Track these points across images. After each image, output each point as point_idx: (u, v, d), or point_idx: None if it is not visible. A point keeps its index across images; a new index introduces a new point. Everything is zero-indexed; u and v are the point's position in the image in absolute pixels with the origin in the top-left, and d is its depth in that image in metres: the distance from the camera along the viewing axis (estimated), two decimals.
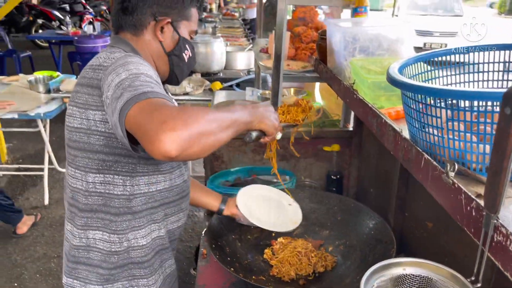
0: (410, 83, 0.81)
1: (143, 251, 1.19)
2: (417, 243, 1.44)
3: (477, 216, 0.63)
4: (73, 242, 1.19)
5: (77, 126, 1.09)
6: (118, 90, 0.92)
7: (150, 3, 1.16)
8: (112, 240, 1.16)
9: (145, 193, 1.15)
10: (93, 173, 1.11)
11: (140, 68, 1.00)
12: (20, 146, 4.62)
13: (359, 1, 1.68)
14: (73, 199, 1.17)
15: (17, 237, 3.08)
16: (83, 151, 1.10)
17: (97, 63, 1.10)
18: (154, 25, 1.17)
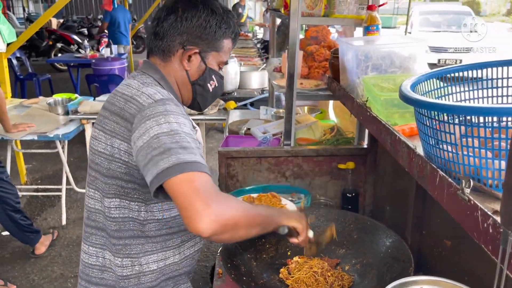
0: (422, 100, 0.81)
1: (153, 276, 1.19)
2: (436, 261, 1.41)
3: (494, 233, 0.62)
4: (88, 260, 1.20)
5: (101, 150, 1.11)
6: (159, 143, 0.95)
7: (181, 32, 1.16)
8: (124, 265, 1.16)
9: (159, 220, 1.16)
10: (109, 198, 1.12)
11: (179, 121, 1.01)
12: (39, 167, 4.71)
13: (371, 20, 1.70)
14: (88, 219, 1.19)
15: (35, 257, 3.11)
16: (104, 176, 1.12)
17: (130, 94, 1.09)
18: (182, 53, 1.18)
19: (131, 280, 1.16)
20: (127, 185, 1.10)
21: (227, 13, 1.21)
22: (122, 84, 1.16)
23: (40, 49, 10.16)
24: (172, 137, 0.96)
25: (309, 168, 1.95)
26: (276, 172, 1.95)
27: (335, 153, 1.94)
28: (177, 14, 1.15)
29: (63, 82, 8.38)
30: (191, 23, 1.16)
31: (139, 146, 0.99)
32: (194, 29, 1.16)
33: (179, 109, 1.07)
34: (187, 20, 1.15)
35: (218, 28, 1.18)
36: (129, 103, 1.07)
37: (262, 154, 1.90)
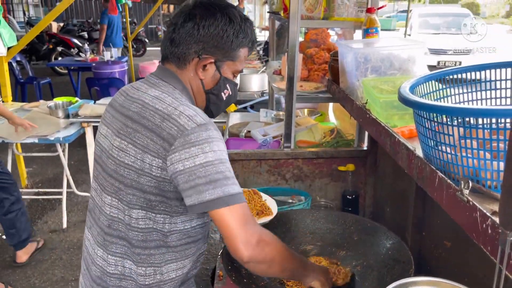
0: (421, 102, 0.82)
1: (172, 284, 1.21)
2: (436, 262, 1.41)
3: (493, 233, 0.63)
4: (106, 269, 1.19)
5: (129, 163, 1.09)
6: (205, 173, 1.00)
7: (197, 40, 1.14)
8: (147, 274, 1.17)
9: (181, 230, 1.17)
10: (136, 209, 1.12)
11: (221, 149, 1.05)
12: (39, 171, 4.72)
13: (370, 22, 1.71)
14: (110, 227, 1.17)
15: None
16: (130, 188, 1.10)
17: (166, 112, 1.07)
18: (197, 62, 1.16)
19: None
20: (155, 198, 1.10)
21: (245, 21, 1.19)
22: (150, 96, 1.12)
23: (41, 53, 10.19)
24: (217, 167, 1.01)
25: (309, 170, 1.95)
26: (277, 175, 1.96)
27: (335, 155, 1.95)
28: (195, 21, 1.13)
29: (64, 85, 8.39)
30: (208, 32, 1.13)
31: (179, 169, 1.02)
32: (211, 38, 1.14)
33: (218, 134, 1.08)
34: (204, 28, 1.13)
35: (235, 37, 1.16)
36: (167, 122, 1.05)
37: (263, 156, 1.91)
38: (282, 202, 1.86)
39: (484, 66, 0.97)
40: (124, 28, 8.82)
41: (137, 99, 1.13)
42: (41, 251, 3.23)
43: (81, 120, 3.45)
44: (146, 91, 1.14)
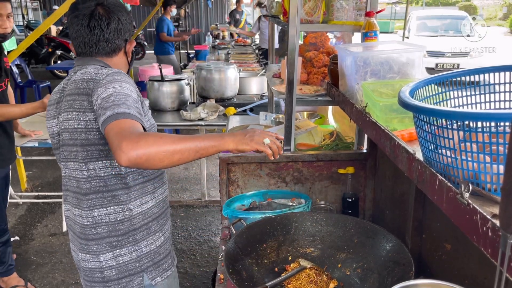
0: (421, 106, 0.83)
1: (141, 217, 1.45)
2: (436, 265, 1.42)
3: (493, 236, 0.63)
4: (82, 222, 1.42)
5: (76, 126, 1.34)
6: (104, 103, 1.21)
7: (124, 32, 1.46)
8: (117, 211, 1.41)
9: (135, 171, 1.41)
10: (93, 162, 1.36)
11: (123, 86, 1.28)
12: (39, 174, 4.72)
13: (369, 26, 1.72)
14: (78, 187, 1.40)
15: (36, 263, 3.10)
16: (83, 146, 1.35)
17: (89, 77, 1.35)
18: (128, 47, 1.52)
19: (124, 223, 1.42)
20: (104, 148, 1.34)
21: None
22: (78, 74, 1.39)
23: (40, 56, 10.19)
24: (113, 97, 1.22)
25: (309, 173, 1.96)
26: (277, 177, 1.96)
27: (335, 158, 1.96)
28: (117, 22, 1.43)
29: None
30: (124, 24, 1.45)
31: (95, 109, 1.26)
32: (126, 26, 1.47)
33: (125, 78, 1.34)
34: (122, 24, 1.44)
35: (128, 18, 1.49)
36: (90, 82, 1.33)
37: (263, 159, 1.91)
38: (282, 205, 1.86)
39: (483, 69, 0.97)
40: None
41: (70, 82, 1.41)
42: (41, 255, 3.23)
43: None
44: (74, 75, 1.41)
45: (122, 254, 1.43)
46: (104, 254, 1.42)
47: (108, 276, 1.44)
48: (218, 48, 8.05)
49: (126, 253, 1.44)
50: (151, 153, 1.08)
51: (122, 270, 1.44)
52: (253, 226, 1.61)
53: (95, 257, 1.43)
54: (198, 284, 2.93)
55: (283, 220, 1.65)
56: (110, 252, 1.42)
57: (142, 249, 1.46)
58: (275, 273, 1.50)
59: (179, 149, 1.12)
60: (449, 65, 9.65)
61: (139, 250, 1.45)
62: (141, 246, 1.46)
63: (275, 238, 1.61)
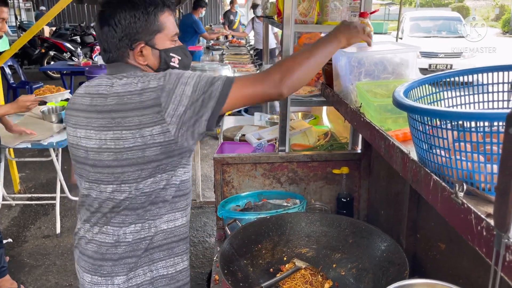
0: (416, 106, 0.83)
1: (164, 235, 1.31)
2: (431, 264, 1.42)
3: (488, 235, 0.64)
4: (104, 240, 1.28)
5: (130, 145, 1.18)
6: (199, 90, 1.15)
7: (120, 37, 1.23)
8: (144, 228, 1.27)
9: (175, 184, 1.28)
10: (144, 180, 1.22)
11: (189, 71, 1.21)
12: (32, 176, 4.69)
13: None
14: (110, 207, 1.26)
15: (29, 266, 3.08)
16: (136, 165, 1.20)
17: (139, 88, 1.17)
18: (133, 53, 1.25)
19: (146, 241, 1.28)
20: (161, 163, 1.21)
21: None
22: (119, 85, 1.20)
23: (33, 57, 10.12)
24: (202, 79, 1.17)
25: (304, 173, 1.96)
26: (271, 178, 1.96)
27: (330, 158, 1.96)
28: (108, 23, 1.22)
29: None
30: (122, 25, 1.21)
31: (181, 112, 1.15)
32: (128, 29, 1.22)
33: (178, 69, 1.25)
34: (117, 25, 1.21)
35: (146, 14, 1.23)
36: (144, 94, 1.16)
37: (257, 160, 1.91)
38: (277, 206, 1.86)
39: (476, 70, 0.98)
40: None
41: (110, 94, 1.20)
42: (34, 257, 3.21)
43: None
44: (113, 85, 1.21)
45: (136, 276, 1.30)
46: (120, 276, 1.28)
47: None
48: (212, 48, 8.04)
49: (141, 274, 1.30)
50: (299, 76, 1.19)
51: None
52: (248, 226, 1.61)
53: (109, 280, 1.29)
54: (192, 285, 2.91)
55: (278, 220, 1.65)
56: (125, 275, 1.29)
57: (159, 270, 1.32)
58: (270, 274, 1.50)
59: (315, 62, 1.23)
60: (442, 65, 9.71)
61: (154, 271, 1.32)
62: (157, 267, 1.32)
63: (270, 238, 1.61)
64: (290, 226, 1.65)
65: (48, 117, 3.53)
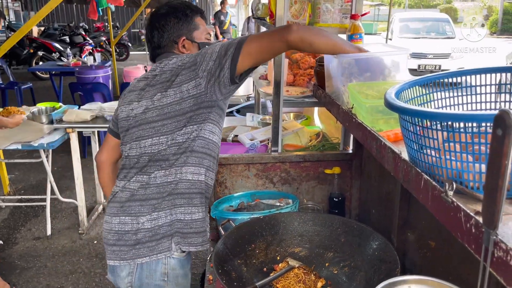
0: (406, 107, 0.85)
1: (187, 184, 1.47)
2: (421, 262, 1.45)
3: (476, 232, 0.66)
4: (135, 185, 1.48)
5: (170, 100, 1.44)
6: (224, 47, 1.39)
7: (168, 37, 1.58)
8: (169, 173, 1.45)
9: (205, 138, 1.48)
10: (179, 130, 1.44)
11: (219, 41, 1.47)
12: (22, 177, 4.65)
13: (355, 29, 1.75)
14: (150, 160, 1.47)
15: (20, 268, 3.06)
16: (173, 117, 1.44)
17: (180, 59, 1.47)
18: (177, 47, 1.59)
19: (171, 185, 1.46)
20: (194, 113, 1.44)
21: (184, 3, 1.62)
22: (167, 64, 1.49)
23: (21, 58, 10.02)
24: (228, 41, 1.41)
25: (296, 173, 1.98)
26: (264, 178, 1.98)
27: (322, 158, 1.98)
28: (156, 29, 1.58)
29: (45, 90, 8.28)
30: (168, 27, 1.57)
31: (211, 65, 1.39)
32: (173, 28, 1.57)
33: None
34: (164, 28, 1.57)
35: (185, 16, 1.59)
36: (185, 59, 1.46)
37: (250, 160, 1.93)
38: (270, 206, 1.88)
39: (465, 72, 1.01)
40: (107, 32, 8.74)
41: (159, 72, 1.50)
42: (25, 259, 3.19)
43: (66, 126, 3.41)
44: (165, 66, 1.50)
45: (159, 218, 1.46)
46: (144, 215, 1.45)
47: (140, 238, 1.46)
48: None
49: (162, 217, 1.46)
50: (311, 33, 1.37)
51: (155, 233, 1.46)
52: (241, 226, 1.62)
53: (134, 219, 1.46)
54: None
55: (271, 220, 1.66)
56: (149, 214, 1.45)
57: (178, 215, 1.47)
58: (264, 273, 1.52)
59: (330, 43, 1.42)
60: (431, 66, 9.81)
61: (174, 215, 1.47)
62: (177, 212, 1.47)
63: (263, 238, 1.62)
64: (283, 226, 1.66)
65: (38, 118, 3.50)
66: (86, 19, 14.97)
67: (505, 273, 0.60)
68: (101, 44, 10.94)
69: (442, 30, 11.53)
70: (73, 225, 3.68)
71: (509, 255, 0.59)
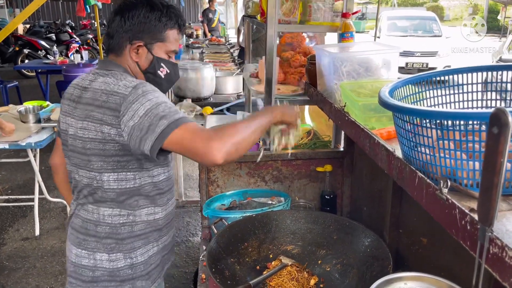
0: (402, 105, 0.86)
1: (144, 225, 1.42)
2: (413, 259, 1.46)
3: (471, 229, 0.67)
4: (86, 216, 1.40)
5: (92, 136, 1.29)
6: (150, 117, 1.19)
7: (126, 29, 1.35)
8: (122, 214, 1.38)
9: (151, 183, 1.39)
10: (108, 172, 1.33)
11: (156, 95, 1.25)
12: (8, 177, 4.58)
13: (346, 27, 1.75)
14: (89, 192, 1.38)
15: (9, 269, 3.01)
16: (99, 156, 1.31)
17: (109, 89, 1.28)
18: (130, 48, 1.37)
19: (126, 227, 1.39)
20: (122, 159, 1.31)
21: (167, 7, 1.39)
22: (99, 82, 1.32)
23: (6, 55, 9.84)
24: (157, 110, 1.20)
25: (288, 171, 1.98)
26: (256, 176, 1.98)
27: (313, 156, 1.99)
28: (121, 14, 1.35)
29: (31, 89, 8.16)
30: (132, 21, 1.35)
31: (131, 126, 1.22)
32: (137, 26, 1.35)
33: (152, 87, 1.29)
34: (129, 18, 1.34)
35: (158, 21, 1.37)
36: (112, 96, 1.26)
37: (242, 159, 1.92)
38: (262, 204, 1.88)
39: (455, 70, 1.02)
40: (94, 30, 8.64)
41: (90, 88, 1.33)
42: (13, 259, 3.14)
43: (54, 124, 3.36)
44: (95, 80, 1.34)
45: (117, 259, 1.40)
46: (101, 253, 1.39)
47: (98, 276, 1.41)
48: (192, 47, 8.00)
49: (121, 259, 1.40)
50: (238, 143, 1.18)
51: (114, 274, 1.41)
52: (234, 225, 1.62)
53: (91, 255, 1.40)
54: (177, 285, 2.91)
55: (263, 218, 1.67)
56: (107, 254, 1.39)
57: (138, 257, 1.43)
58: (257, 271, 1.52)
59: (252, 132, 1.23)
60: (418, 64, 9.91)
61: (134, 258, 1.42)
62: (136, 254, 1.42)
63: (256, 236, 1.63)
64: (276, 224, 1.67)
65: (26, 117, 3.45)
66: (72, 16, 14.80)
67: (501, 269, 0.61)
68: (88, 42, 10.80)
69: (429, 28, 11.65)
70: (62, 225, 3.64)
71: (505, 251, 0.60)
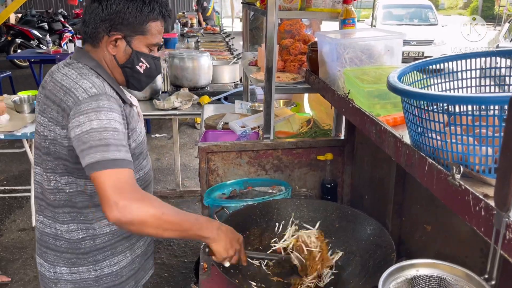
0: (411, 90, 0.84)
1: (107, 237, 1.35)
2: (417, 246, 1.46)
3: (486, 215, 0.66)
4: (44, 230, 1.35)
5: (46, 134, 1.23)
6: (87, 139, 1.10)
7: (103, 19, 1.24)
8: (80, 228, 1.32)
9: None
10: (58, 174, 1.26)
11: (109, 118, 1.14)
12: (4, 168, 4.54)
13: (347, 13, 1.73)
14: (42, 194, 1.33)
15: (6, 260, 2.99)
16: (50, 156, 1.24)
17: (68, 86, 1.19)
18: (107, 39, 1.26)
19: (86, 242, 1.33)
20: (71, 165, 1.24)
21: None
22: (61, 73, 1.23)
23: None
24: (100, 134, 1.10)
25: (288, 160, 1.97)
26: (257, 166, 1.96)
27: (314, 145, 1.97)
28: (99, 1, 1.23)
29: (24, 78, 8.07)
30: (111, 10, 1.23)
31: (72, 136, 1.14)
32: (115, 16, 1.23)
33: (111, 104, 1.18)
34: (107, 7, 1.22)
35: (139, 12, 1.25)
36: (67, 95, 1.18)
37: (243, 148, 1.91)
38: (262, 193, 1.87)
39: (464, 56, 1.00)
40: None
41: (53, 79, 1.24)
42: (11, 250, 3.12)
43: None
44: (60, 70, 1.25)
45: (80, 272, 1.35)
46: (61, 267, 1.34)
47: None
48: (187, 36, 7.92)
49: (85, 271, 1.35)
50: (147, 221, 1.05)
51: (78, 286, 1.36)
52: (236, 214, 1.61)
53: (51, 267, 1.35)
54: (176, 274, 2.91)
55: (265, 207, 1.65)
56: (68, 267, 1.34)
57: (103, 269, 1.37)
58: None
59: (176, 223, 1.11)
60: (414, 53, 9.90)
61: (99, 271, 1.36)
62: (102, 266, 1.36)
63: (258, 225, 1.62)
64: (277, 213, 1.66)
65: (21, 107, 3.41)
66: (65, 5, 14.56)
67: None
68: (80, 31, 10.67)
69: (425, 17, 11.62)
70: None
71: None
